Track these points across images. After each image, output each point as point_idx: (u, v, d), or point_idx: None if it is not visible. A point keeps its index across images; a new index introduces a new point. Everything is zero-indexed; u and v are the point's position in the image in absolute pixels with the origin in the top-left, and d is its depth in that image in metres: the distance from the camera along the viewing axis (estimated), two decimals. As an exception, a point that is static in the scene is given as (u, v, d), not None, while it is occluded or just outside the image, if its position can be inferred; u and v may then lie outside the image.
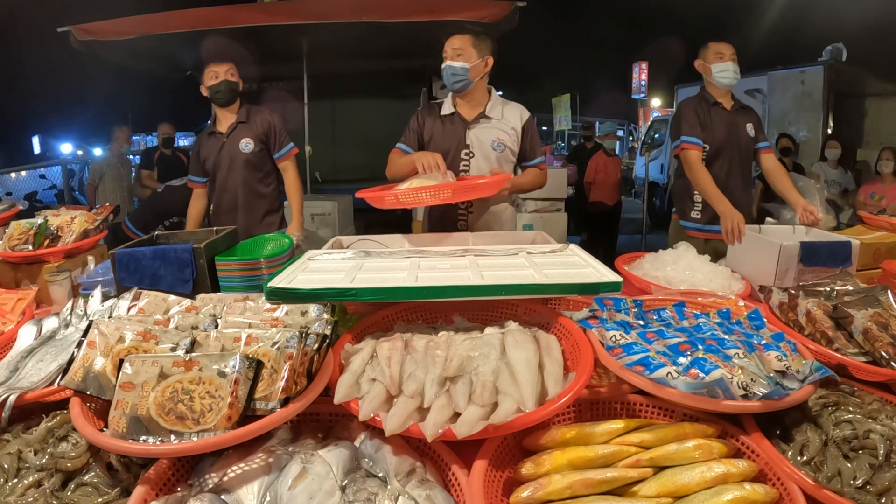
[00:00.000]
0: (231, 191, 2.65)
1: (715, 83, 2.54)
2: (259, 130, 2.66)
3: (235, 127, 2.63)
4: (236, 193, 2.65)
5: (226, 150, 2.62)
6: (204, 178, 2.72)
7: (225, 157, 2.63)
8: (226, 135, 2.63)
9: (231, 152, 2.62)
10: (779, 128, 6.91)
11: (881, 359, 1.20)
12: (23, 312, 1.57)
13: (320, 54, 4.40)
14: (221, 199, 2.68)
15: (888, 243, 2.07)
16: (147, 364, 0.96)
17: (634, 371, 1.07)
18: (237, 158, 2.62)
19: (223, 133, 2.63)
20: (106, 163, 5.35)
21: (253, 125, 2.65)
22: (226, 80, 2.56)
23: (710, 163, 2.51)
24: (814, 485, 0.91)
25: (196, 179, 2.74)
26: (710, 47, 2.54)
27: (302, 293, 1.19)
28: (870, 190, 4.71)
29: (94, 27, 3.52)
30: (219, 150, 2.63)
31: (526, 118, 2.28)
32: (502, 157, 2.23)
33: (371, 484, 0.92)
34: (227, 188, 2.66)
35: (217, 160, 2.64)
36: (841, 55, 6.64)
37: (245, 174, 2.64)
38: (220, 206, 2.69)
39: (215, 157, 2.64)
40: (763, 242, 1.95)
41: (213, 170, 2.66)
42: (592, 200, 6.09)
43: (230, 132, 2.62)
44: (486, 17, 3.36)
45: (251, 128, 2.65)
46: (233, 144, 2.62)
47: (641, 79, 13.71)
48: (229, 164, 2.63)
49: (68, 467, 0.97)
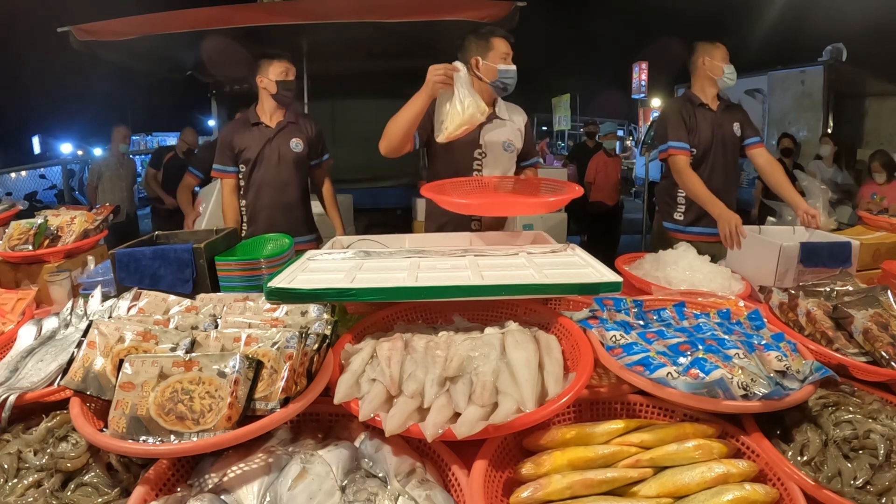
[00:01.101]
0: (276, 187, 2.59)
1: (721, 84, 2.51)
2: (309, 134, 2.65)
3: (286, 125, 2.60)
4: (282, 190, 2.60)
5: (274, 145, 2.57)
6: (235, 168, 2.61)
7: (272, 152, 2.57)
8: (275, 130, 2.58)
9: (280, 148, 2.57)
10: (779, 128, 6.91)
11: (881, 359, 1.20)
12: (23, 312, 1.57)
13: (320, 54, 4.40)
14: (261, 193, 2.60)
15: (888, 243, 2.07)
16: (147, 364, 0.96)
17: (634, 371, 1.07)
18: (287, 156, 2.58)
19: (271, 127, 2.58)
20: (105, 163, 5.34)
21: (303, 127, 2.64)
22: (294, 80, 2.55)
23: (695, 165, 2.48)
24: (814, 485, 0.91)
25: (227, 169, 2.61)
26: (719, 48, 2.51)
27: (302, 293, 1.19)
28: (871, 190, 4.72)
29: (94, 27, 3.51)
30: (264, 144, 2.56)
31: (526, 118, 2.30)
32: (511, 157, 2.23)
33: (371, 484, 0.92)
34: (272, 183, 2.59)
35: (262, 153, 2.56)
36: (841, 55, 6.65)
37: (294, 172, 2.61)
38: (259, 200, 2.61)
39: (259, 149, 2.56)
40: (763, 243, 1.95)
41: (253, 162, 2.57)
42: (593, 200, 6.10)
43: (280, 128, 2.58)
44: (486, 17, 3.35)
45: (301, 129, 2.63)
46: (283, 141, 2.58)
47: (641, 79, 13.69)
48: (277, 159, 2.57)
49: (68, 467, 0.97)
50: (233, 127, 2.68)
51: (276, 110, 2.61)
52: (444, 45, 2.26)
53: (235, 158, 2.60)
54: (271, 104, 2.59)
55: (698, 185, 2.38)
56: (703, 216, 2.46)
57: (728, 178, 2.55)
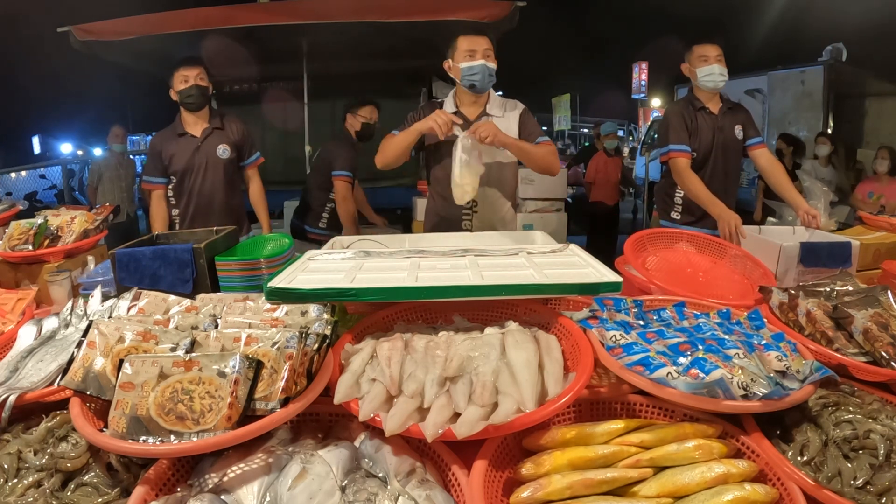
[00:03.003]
0: (206, 195, 2.64)
1: (701, 87, 2.49)
2: (235, 137, 2.67)
3: (211, 132, 2.62)
4: (212, 198, 2.64)
5: (201, 154, 2.60)
6: (165, 179, 2.67)
7: (200, 161, 2.61)
8: (200, 139, 2.61)
9: (207, 157, 2.61)
10: (779, 128, 6.91)
11: (881, 359, 1.20)
12: (23, 312, 1.57)
13: (320, 54, 4.39)
14: (192, 203, 2.65)
15: (888, 243, 2.07)
16: (147, 364, 0.96)
17: (634, 371, 1.07)
18: (215, 164, 2.61)
19: (197, 137, 2.61)
20: (105, 163, 5.33)
21: (228, 132, 2.66)
22: (196, 85, 2.54)
23: (696, 169, 2.48)
24: (814, 485, 0.91)
25: (156, 180, 2.67)
26: (693, 50, 2.48)
27: (302, 293, 1.19)
28: (867, 189, 4.69)
29: (95, 27, 3.51)
30: (192, 154, 2.60)
31: (522, 108, 2.27)
32: (503, 155, 2.23)
33: (371, 484, 0.92)
34: (202, 192, 2.64)
35: (190, 163, 2.61)
36: (841, 55, 6.64)
37: (223, 179, 2.64)
38: (191, 210, 2.66)
39: (188, 159, 2.60)
40: (763, 243, 1.95)
41: (182, 172, 2.62)
42: (592, 200, 6.10)
43: (205, 136, 2.61)
44: (486, 17, 3.35)
45: (227, 134, 2.65)
46: (209, 149, 2.61)
47: (641, 79, 13.71)
48: (205, 168, 2.61)
49: (68, 467, 0.97)
50: (161, 138, 2.71)
51: (196, 118, 2.62)
52: (444, 45, 2.26)
53: (165, 169, 2.64)
54: (189, 114, 2.62)
55: (699, 186, 2.39)
56: (700, 216, 2.46)
57: (728, 181, 2.56)
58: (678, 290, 1.60)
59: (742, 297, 1.70)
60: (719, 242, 2.03)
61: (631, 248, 1.85)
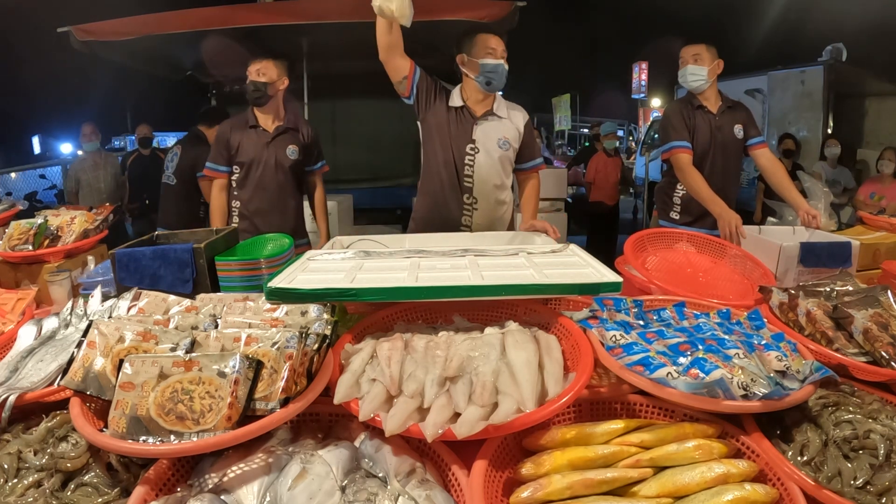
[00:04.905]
0: (270, 191, 2.61)
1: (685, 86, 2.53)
2: (305, 141, 2.66)
3: (284, 131, 2.60)
4: (274, 195, 2.61)
5: (271, 150, 2.58)
6: (228, 168, 2.62)
7: (268, 157, 2.58)
8: (272, 135, 2.58)
9: (276, 153, 2.58)
10: (779, 128, 6.90)
11: (881, 359, 1.20)
12: (23, 312, 1.57)
13: (320, 54, 4.40)
14: (255, 196, 2.61)
15: (888, 243, 2.07)
16: (147, 364, 0.96)
17: (634, 371, 1.07)
18: (282, 162, 2.59)
19: (269, 132, 2.59)
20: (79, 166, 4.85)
21: (300, 134, 2.65)
22: (253, 81, 2.52)
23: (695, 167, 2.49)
24: (814, 485, 0.91)
25: (221, 168, 2.62)
26: (681, 51, 2.53)
27: (302, 293, 1.19)
28: (870, 189, 4.70)
29: (95, 27, 3.51)
30: (262, 148, 2.57)
31: (527, 119, 2.31)
32: (505, 156, 2.24)
33: (371, 484, 0.92)
34: (266, 188, 2.60)
35: (258, 157, 2.57)
36: (841, 55, 6.63)
37: (287, 179, 2.62)
38: (253, 203, 2.62)
39: (256, 153, 2.57)
40: (763, 243, 1.95)
41: (248, 164, 2.59)
42: (592, 200, 6.10)
43: (277, 133, 2.59)
44: (486, 17, 3.35)
45: (298, 136, 2.64)
46: (279, 147, 2.58)
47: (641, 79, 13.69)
48: (274, 165, 2.58)
49: (68, 467, 0.97)
50: (230, 126, 2.66)
51: (266, 114, 2.60)
52: (444, 45, 2.26)
53: (230, 158, 2.61)
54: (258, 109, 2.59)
55: (700, 182, 2.39)
56: (699, 216, 2.46)
57: (727, 180, 2.55)
58: (678, 290, 1.60)
59: (742, 297, 1.71)
60: (719, 242, 2.03)
61: (631, 248, 1.85)
